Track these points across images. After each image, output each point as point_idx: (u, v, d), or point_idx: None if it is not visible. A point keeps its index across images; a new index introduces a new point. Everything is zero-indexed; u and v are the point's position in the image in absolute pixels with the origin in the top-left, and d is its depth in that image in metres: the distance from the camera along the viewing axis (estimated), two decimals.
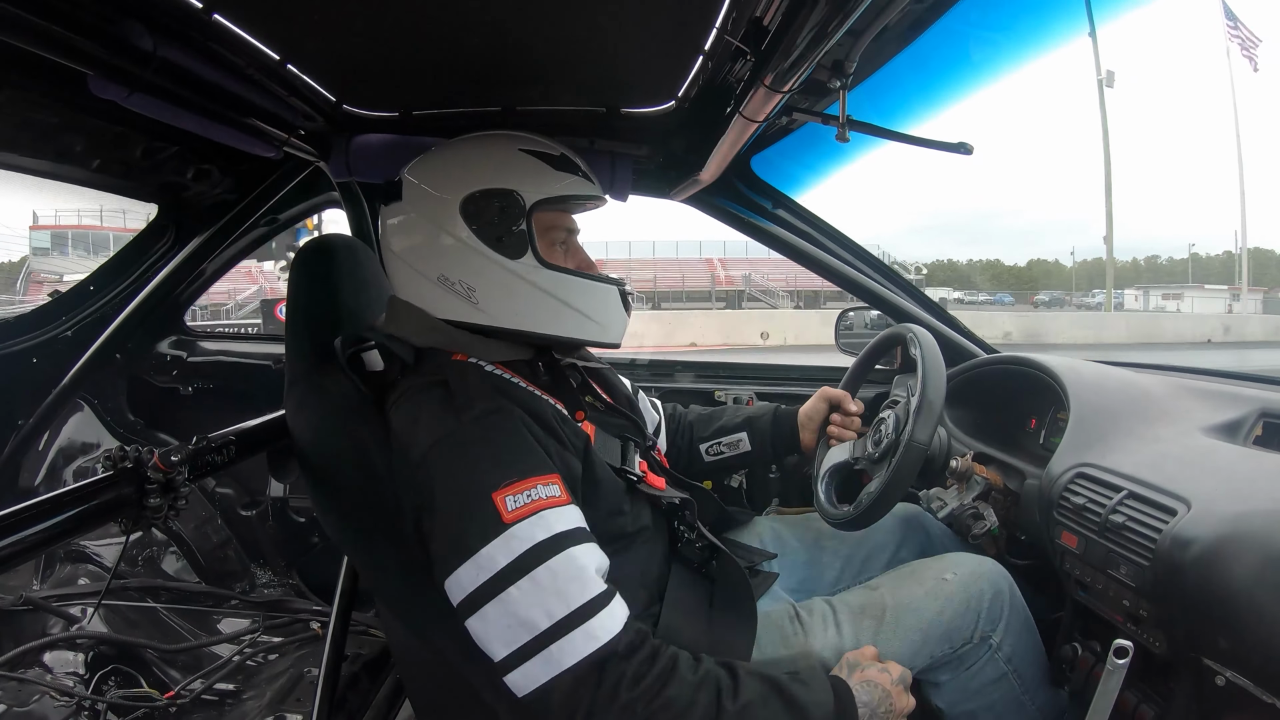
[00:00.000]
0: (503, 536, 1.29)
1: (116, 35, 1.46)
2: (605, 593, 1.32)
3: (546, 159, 1.62)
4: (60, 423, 3.40)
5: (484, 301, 1.56)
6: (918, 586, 1.64)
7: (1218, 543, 1.30)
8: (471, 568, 1.29)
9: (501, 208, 1.55)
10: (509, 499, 1.31)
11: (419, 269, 1.58)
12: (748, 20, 1.47)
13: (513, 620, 1.28)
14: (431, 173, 1.62)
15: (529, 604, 1.27)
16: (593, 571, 1.33)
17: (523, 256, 1.56)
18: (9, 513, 1.21)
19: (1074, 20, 1.82)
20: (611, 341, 1.69)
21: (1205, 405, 1.87)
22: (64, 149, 2.32)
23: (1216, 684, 1.27)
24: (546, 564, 1.29)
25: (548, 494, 1.34)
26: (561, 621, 1.27)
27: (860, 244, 2.76)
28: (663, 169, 2.47)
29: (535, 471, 1.36)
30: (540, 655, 1.26)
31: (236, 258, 3.39)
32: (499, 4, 1.55)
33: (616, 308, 1.68)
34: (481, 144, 1.66)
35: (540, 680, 1.26)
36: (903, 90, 2.01)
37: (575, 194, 1.64)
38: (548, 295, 1.58)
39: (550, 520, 1.32)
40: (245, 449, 1.74)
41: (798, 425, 2.06)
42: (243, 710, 2.44)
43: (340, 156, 2.32)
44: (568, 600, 1.28)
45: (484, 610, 1.29)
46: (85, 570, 3.08)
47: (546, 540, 1.30)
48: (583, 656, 1.26)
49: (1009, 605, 1.63)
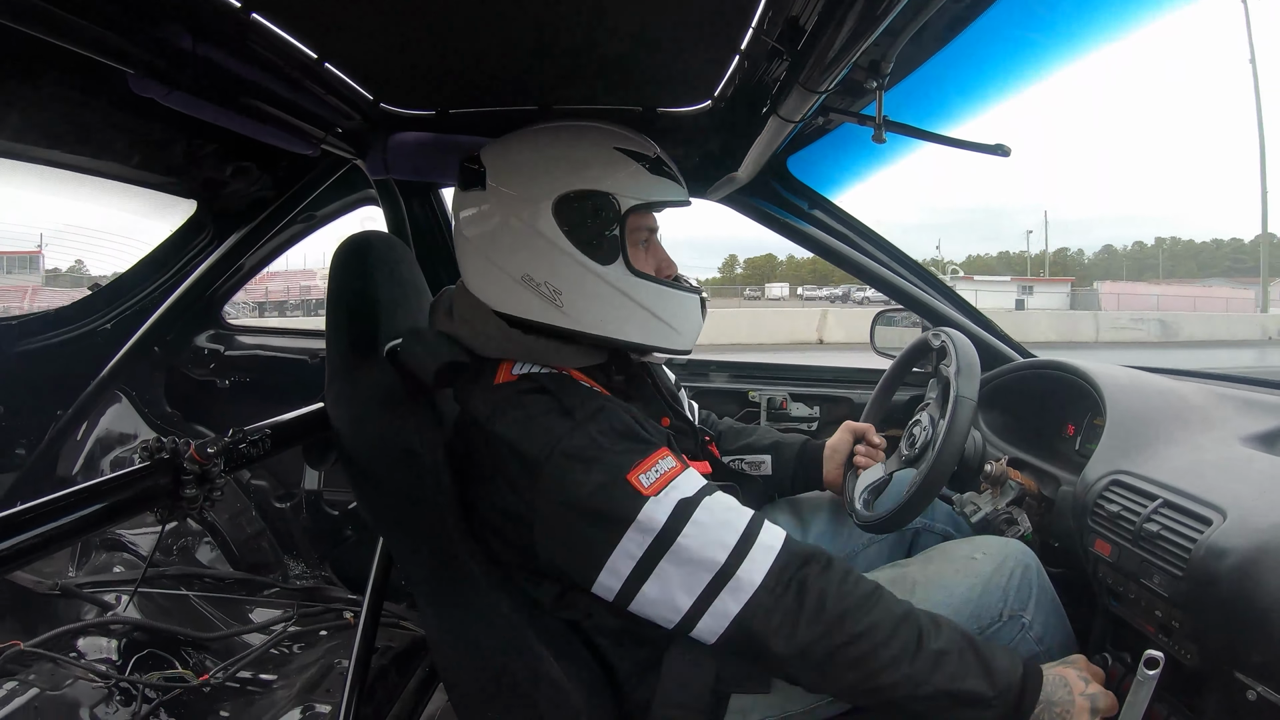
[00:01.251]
0: (651, 502, 1.33)
1: (156, 35, 1.48)
2: (757, 515, 1.40)
3: (643, 160, 1.59)
4: (98, 413, 3.46)
5: (569, 306, 1.54)
6: (947, 564, 1.63)
7: (1253, 554, 1.28)
8: (635, 533, 1.34)
9: (596, 210, 1.53)
10: (642, 477, 1.35)
11: (500, 264, 1.55)
12: (784, 20, 1.47)
13: (692, 565, 1.33)
14: (521, 166, 1.58)
15: (702, 544, 1.33)
16: (736, 503, 1.40)
17: (614, 262, 1.54)
18: (47, 500, 1.23)
19: (1116, 20, 1.80)
20: (685, 349, 1.69)
21: (1243, 414, 1.85)
22: (105, 146, 2.36)
23: (1248, 699, 1.25)
24: (701, 505, 1.35)
25: (668, 466, 1.39)
26: (738, 546, 1.33)
27: (897, 245, 2.74)
28: (699, 169, 2.45)
29: (650, 450, 1.40)
30: (729, 586, 1.32)
31: (273, 254, 3.44)
32: (536, 3, 1.55)
33: (696, 316, 1.68)
34: (575, 138, 1.62)
35: (735, 609, 1.32)
36: (940, 91, 1.99)
37: (669, 199, 1.63)
38: (634, 303, 1.57)
39: (682, 485, 1.37)
40: (280, 442, 1.76)
41: (823, 459, 2.04)
42: (272, 699, 2.46)
43: (377, 154, 2.34)
44: (735, 527, 1.35)
45: (659, 569, 1.34)
46: (120, 559, 3.13)
47: (689, 497, 1.36)
48: (769, 569, 1.33)
49: (1036, 583, 1.60)
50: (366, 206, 3.18)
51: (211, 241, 3.26)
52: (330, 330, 1.75)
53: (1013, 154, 1.76)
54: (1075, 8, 1.78)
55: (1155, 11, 1.77)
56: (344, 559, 3.41)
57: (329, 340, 1.75)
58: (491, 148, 1.62)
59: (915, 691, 1.32)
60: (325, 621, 2.94)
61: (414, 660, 2.62)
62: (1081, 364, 2.13)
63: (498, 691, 1.60)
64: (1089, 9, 1.78)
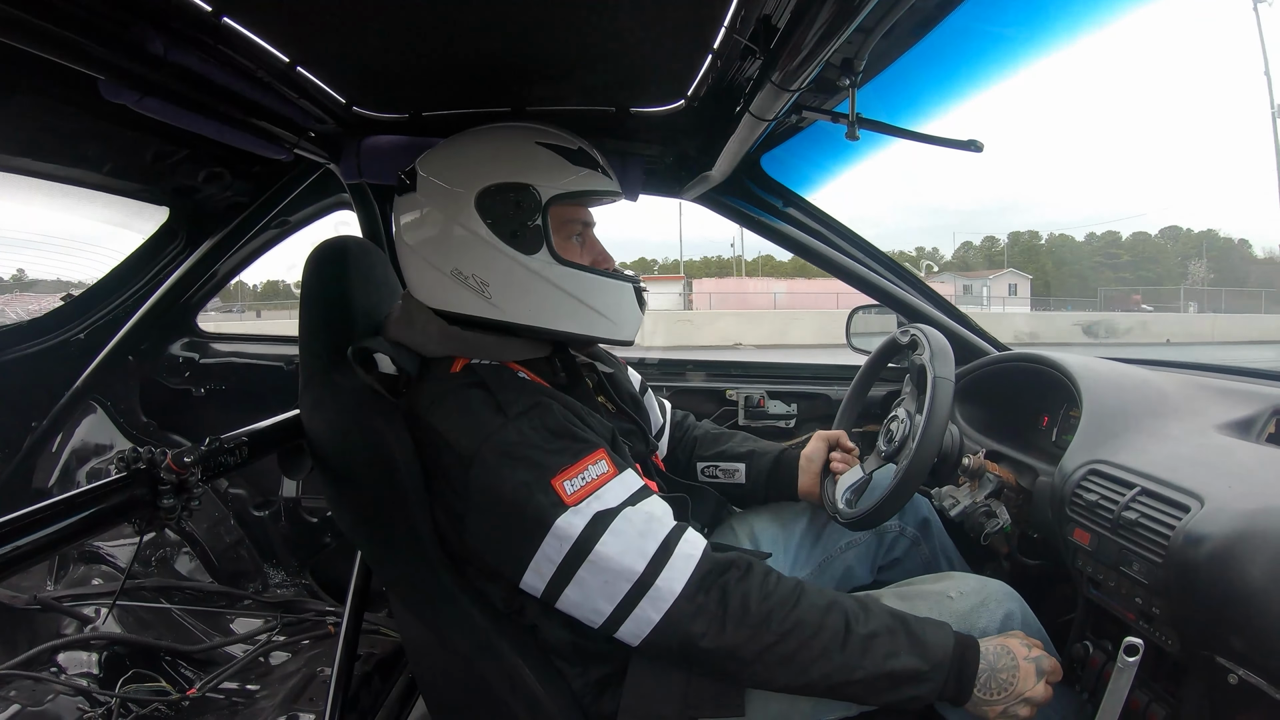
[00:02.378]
0: (569, 512, 1.34)
1: (127, 39, 1.47)
2: (679, 525, 1.41)
3: (564, 153, 1.62)
4: (73, 424, 3.42)
5: (498, 297, 1.56)
6: (920, 602, 1.61)
7: (1231, 540, 1.29)
8: (553, 539, 1.35)
9: (517, 202, 1.55)
10: (567, 483, 1.37)
11: (432, 262, 1.59)
12: (756, 19, 1.47)
13: (609, 573, 1.34)
14: (446, 165, 1.62)
15: (620, 553, 1.34)
16: (661, 511, 1.41)
17: (538, 252, 1.57)
18: (23, 514, 1.21)
19: (1084, 16, 1.81)
20: (624, 339, 1.70)
21: (1218, 402, 1.86)
22: (76, 154, 2.34)
23: (1229, 683, 1.26)
24: (620, 515, 1.36)
25: (598, 472, 1.40)
26: (656, 555, 1.35)
27: (871, 242, 2.76)
28: (673, 168, 2.46)
29: (583, 453, 1.41)
30: (648, 596, 1.33)
31: (248, 260, 3.40)
32: (508, 5, 1.55)
33: (631, 305, 1.69)
34: (498, 136, 1.66)
35: (655, 617, 1.33)
36: (913, 88, 2.00)
37: (592, 189, 1.64)
38: (562, 292, 1.59)
39: (606, 496, 1.39)
40: (258, 450, 1.75)
41: (798, 470, 2.03)
42: (255, 709, 2.44)
43: (351, 158, 2.33)
44: (655, 536, 1.36)
45: (578, 577, 1.35)
46: (99, 571, 3.09)
47: (611, 508, 1.37)
48: (690, 574, 1.34)
49: (1020, 621, 1.59)
50: (340, 211, 3.17)
51: (184, 249, 3.22)
52: (304, 336, 1.74)
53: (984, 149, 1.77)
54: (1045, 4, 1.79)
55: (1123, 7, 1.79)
56: (324, 566, 3.39)
57: (303, 346, 1.75)
58: (424, 154, 1.66)
59: (850, 677, 1.35)
60: (307, 631, 2.92)
61: (396, 667, 2.62)
62: (1057, 356, 2.15)
63: (475, 699, 1.60)
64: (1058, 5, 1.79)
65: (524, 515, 1.36)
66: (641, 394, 2.03)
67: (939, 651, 1.38)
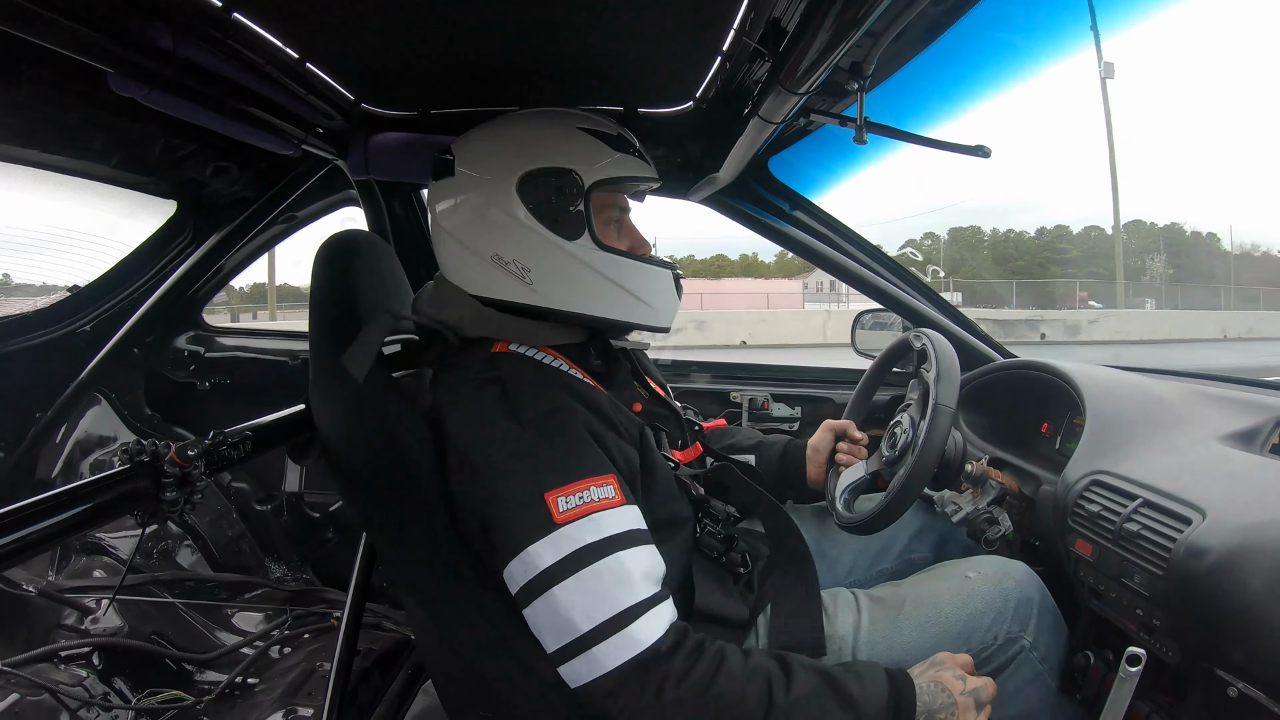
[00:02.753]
0: (551, 536, 1.31)
1: (137, 33, 1.47)
2: (651, 597, 1.33)
3: (605, 138, 1.61)
4: (78, 416, 3.43)
5: (539, 283, 1.56)
6: (940, 582, 1.63)
7: (1232, 553, 1.29)
8: (519, 564, 1.33)
9: (559, 187, 1.55)
10: (561, 500, 1.33)
11: (471, 247, 1.58)
12: (766, 21, 1.47)
13: (557, 619, 1.30)
14: (486, 150, 1.61)
15: (570, 605, 1.29)
16: (639, 576, 1.33)
17: (579, 238, 1.56)
18: (26, 504, 1.22)
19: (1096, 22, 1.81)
20: (662, 325, 1.69)
21: (1221, 412, 1.86)
22: (84, 146, 2.34)
23: (1229, 695, 1.26)
24: (592, 566, 1.30)
25: (601, 495, 1.35)
26: (603, 625, 1.28)
27: (876, 246, 2.75)
28: (680, 170, 2.46)
29: (591, 473, 1.37)
30: (583, 656, 1.29)
31: (254, 255, 3.41)
32: (517, 5, 1.55)
33: (669, 291, 1.69)
34: (539, 121, 1.65)
35: (585, 679, 1.29)
36: (921, 92, 2.00)
37: (633, 174, 1.64)
38: (603, 277, 1.58)
39: (601, 523, 1.33)
40: (261, 444, 1.75)
41: (805, 460, 2.04)
42: (254, 703, 2.45)
43: (358, 155, 2.33)
44: (611, 604, 1.30)
45: (534, 605, 1.32)
46: (101, 562, 3.09)
47: (596, 543, 1.32)
48: (624, 660, 1.28)
49: (1038, 605, 1.60)
50: (347, 207, 3.18)
51: (191, 242, 3.23)
52: (314, 330, 1.74)
53: None
54: (1053, 11, 1.79)
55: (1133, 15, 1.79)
56: (326, 561, 3.39)
57: (312, 340, 1.75)
58: (461, 139, 1.65)
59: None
60: (308, 624, 2.93)
61: (396, 662, 2.61)
62: (1061, 364, 2.14)
63: (485, 691, 1.60)
64: (1067, 12, 1.79)
65: (506, 529, 1.35)
66: None
67: (873, 704, 1.33)
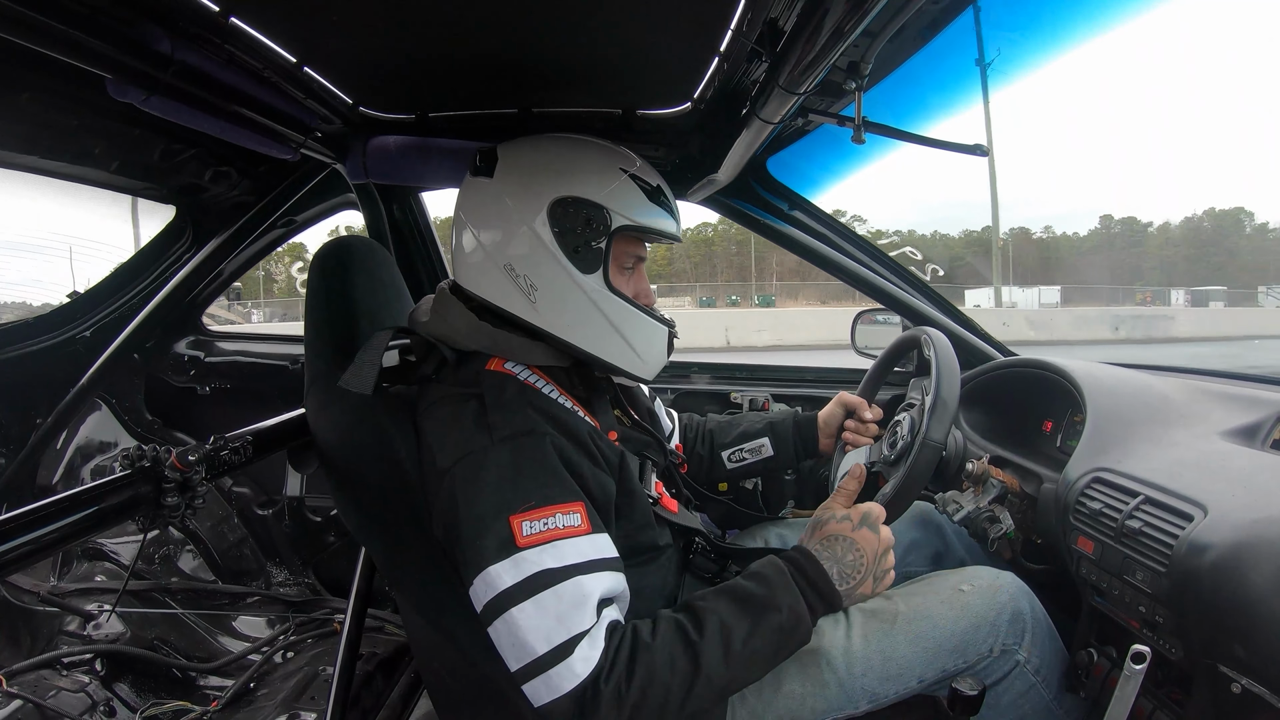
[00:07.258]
0: (512, 558, 1.31)
1: (135, 39, 1.47)
2: (605, 626, 1.34)
3: (644, 187, 1.62)
4: (78, 421, 3.44)
5: (542, 304, 1.56)
6: (933, 596, 1.62)
7: (1234, 549, 1.29)
8: (481, 583, 1.33)
9: (589, 219, 1.56)
10: (525, 524, 1.33)
11: (488, 250, 1.58)
12: (763, 22, 1.47)
13: (515, 640, 1.30)
14: (531, 162, 1.62)
15: (529, 628, 1.29)
16: (595, 601, 1.33)
17: (593, 274, 1.57)
18: (28, 510, 1.22)
19: (1091, 20, 1.81)
20: (644, 378, 1.70)
21: (1223, 408, 1.86)
22: (83, 151, 2.34)
23: (1233, 691, 1.26)
24: (552, 589, 1.30)
25: (566, 523, 1.35)
26: (560, 647, 1.28)
27: (877, 246, 2.75)
28: (679, 170, 2.46)
29: (557, 499, 1.37)
30: (541, 677, 1.28)
31: (254, 259, 3.40)
32: (515, 7, 1.55)
33: (661, 347, 1.70)
34: (588, 150, 1.66)
35: (544, 700, 1.29)
36: (918, 91, 2.00)
37: (660, 230, 1.64)
38: (603, 317, 1.59)
39: (564, 550, 1.33)
40: (262, 448, 1.75)
41: (817, 430, 2.07)
42: (257, 708, 2.45)
43: (357, 158, 2.33)
44: (569, 626, 1.29)
45: (494, 625, 1.32)
46: (102, 568, 3.10)
47: (555, 569, 1.31)
48: (580, 680, 1.28)
49: (1030, 616, 1.60)
50: (346, 211, 3.17)
51: (191, 247, 3.23)
52: (310, 335, 1.74)
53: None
54: (1049, 8, 1.79)
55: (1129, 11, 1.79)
56: (327, 566, 3.40)
57: (308, 345, 1.75)
58: (508, 144, 1.65)
59: (741, 675, 1.37)
60: (310, 629, 2.93)
61: (398, 666, 2.61)
62: (1062, 362, 2.14)
63: (480, 699, 1.60)
64: (1063, 9, 1.79)
65: (470, 545, 1.35)
66: (651, 402, 2.03)
67: (783, 594, 1.40)
